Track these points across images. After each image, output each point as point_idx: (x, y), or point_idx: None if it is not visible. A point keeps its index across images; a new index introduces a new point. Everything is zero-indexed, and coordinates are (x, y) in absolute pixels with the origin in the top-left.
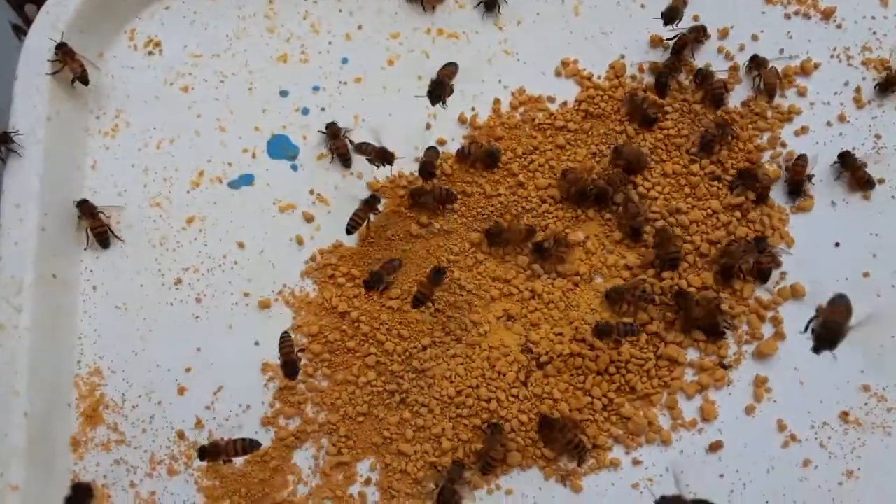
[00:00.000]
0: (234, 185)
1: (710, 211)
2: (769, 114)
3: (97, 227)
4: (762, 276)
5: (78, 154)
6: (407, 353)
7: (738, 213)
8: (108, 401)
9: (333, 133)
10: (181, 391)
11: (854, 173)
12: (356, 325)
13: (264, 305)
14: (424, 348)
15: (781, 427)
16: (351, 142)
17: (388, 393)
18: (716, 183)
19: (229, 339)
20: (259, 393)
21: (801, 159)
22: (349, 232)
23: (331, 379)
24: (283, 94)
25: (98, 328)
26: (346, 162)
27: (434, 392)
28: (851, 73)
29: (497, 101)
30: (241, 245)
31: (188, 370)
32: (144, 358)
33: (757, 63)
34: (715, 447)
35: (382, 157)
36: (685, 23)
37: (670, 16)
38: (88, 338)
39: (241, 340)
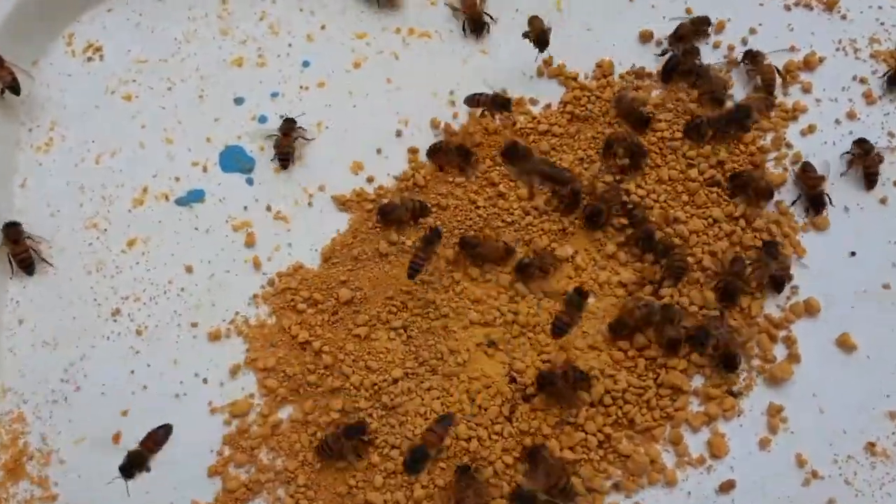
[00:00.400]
0: (181, 202)
1: (710, 220)
2: (772, 112)
3: (20, 254)
4: (776, 284)
5: (6, 171)
6: (375, 387)
7: (742, 222)
8: (32, 451)
9: (285, 130)
10: (116, 439)
11: (865, 166)
12: (318, 356)
13: (214, 337)
14: (395, 381)
15: (801, 462)
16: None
17: None
18: (716, 189)
19: (173, 376)
20: (206, 438)
21: (809, 169)
22: (411, 276)
23: (289, 419)
24: (238, 101)
25: (23, 368)
26: (283, 162)
27: (406, 431)
28: (859, 66)
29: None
30: (188, 269)
31: (125, 414)
32: (75, 401)
33: (752, 58)
34: (726, 487)
35: (497, 104)
36: (677, 12)
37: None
38: (11, 379)
39: (186, 377)
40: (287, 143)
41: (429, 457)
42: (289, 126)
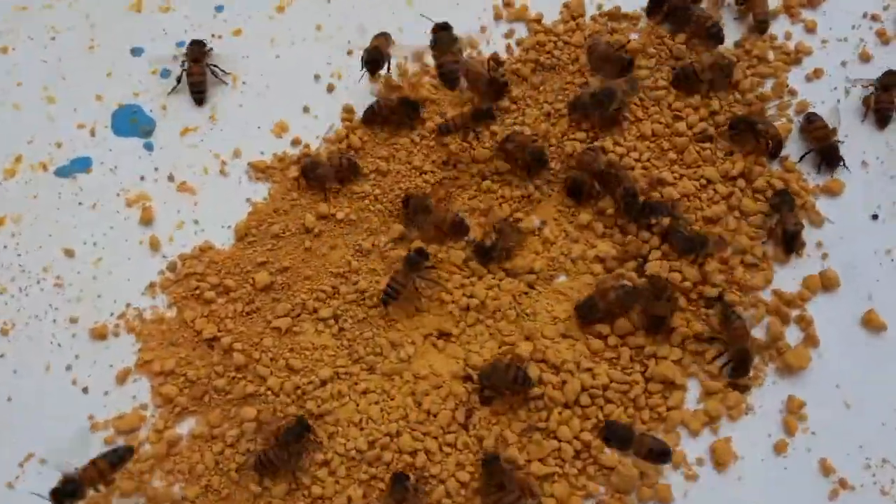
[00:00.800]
0: (63, 172)
1: (703, 181)
2: (771, 56)
3: None
4: (788, 241)
5: None
6: (299, 392)
7: (741, 182)
8: None
9: (194, 56)
10: None
11: (876, 101)
12: (228, 355)
13: (98, 335)
14: (323, 383)
15: (826, 469)
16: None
17: None
18: (708, 145)
19: (45, 384)
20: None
21: (814, 120)
22: (385, 302)
23: (190, 434)
24: (136, 52)
25: None
26: (197, 96)
27: (337, 445)
28: (869, 2)
29: (420, 54)
30: (69, 253)
31: None
32: None
33: None
34: (734, 501)
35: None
36: None
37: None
38: None
39: (61, 385)
40: (199, 72)
41: (80, 493)
42: (198, 50)
